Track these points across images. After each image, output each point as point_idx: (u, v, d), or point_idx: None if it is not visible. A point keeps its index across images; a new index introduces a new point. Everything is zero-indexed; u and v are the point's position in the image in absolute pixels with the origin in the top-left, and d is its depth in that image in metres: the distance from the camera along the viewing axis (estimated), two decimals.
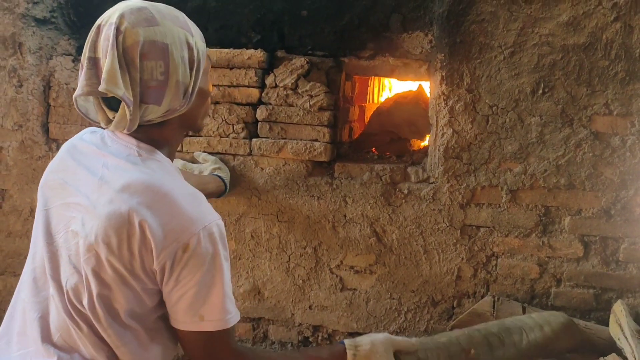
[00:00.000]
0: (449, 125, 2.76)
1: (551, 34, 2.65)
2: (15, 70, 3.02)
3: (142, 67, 1.32)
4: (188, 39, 1.42)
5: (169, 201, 1.32)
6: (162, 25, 1.37)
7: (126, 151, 1.42)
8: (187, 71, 1.41)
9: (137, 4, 1.41)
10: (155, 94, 1.35)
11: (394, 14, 2.96)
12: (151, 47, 1.33)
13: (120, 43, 1.31)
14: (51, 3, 3.12)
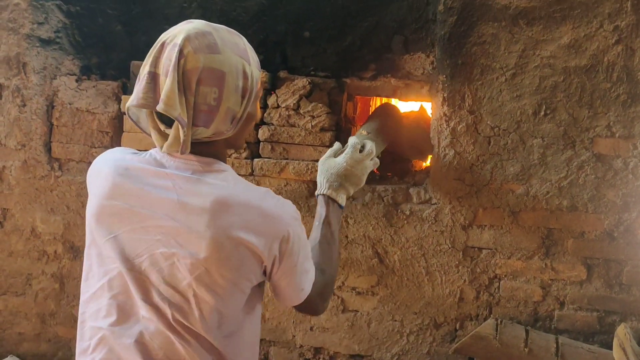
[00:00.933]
0: (450, 147, 2.76)
1: (552, 56, 2.66)
2: (19, 90, 3.04)
3: (197, 92, 1.36)
4: (245, 67, 1.45)
5: (257, 209, 1.43)
6: (222, 53, 1.40)
7: (189, 167, 1.46)
8: (239, 99, 1.45)
9: (203, 27, 1.43)
10: (205, 118, 1.39)
11: (396, 36, 2.98)
12: (209, 74, 1.37)
13: (182, 66, 1.35)
14: (56, 24, 3.15)
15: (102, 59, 3.21)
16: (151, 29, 3.16)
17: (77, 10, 3.19)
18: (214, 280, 1.39)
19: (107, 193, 1.47)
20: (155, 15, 3.16)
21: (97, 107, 3.05)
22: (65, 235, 3.08)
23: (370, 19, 3.00)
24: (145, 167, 1.47)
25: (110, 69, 3.20)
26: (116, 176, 1.47)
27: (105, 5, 3.19)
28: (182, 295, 1.39)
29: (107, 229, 1.46)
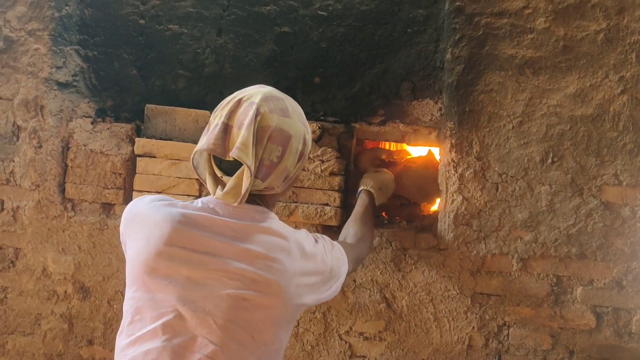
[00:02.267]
0: (458, 192, 2.79)
1: (559, 105, 2.70)
2: (35, 132, 3.11)
3: (266, 147, 1.51)
4: (306, 135, 1.66)
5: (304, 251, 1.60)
6: (292, 118, 1.58)
7: (247, 215, 1.56)
8: (295, 161, 1.65)
9: (276, 93, 1.62)
10: (265, 172, 1.53)
11: (404, 82, 3.04)
12: (279, 134, 1.52)
13: (257, 122, 1.47)
14: (74, 67, 3.24)
15: (117, 102, 3.29)
16: (166, 73, 3.25)
17: (95, 54, 3.29)
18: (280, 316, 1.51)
19: (165, 239, 1.52)
20: (170, 60, 3.24)
21: (110, 148, 3.11)
22: (76, 275, 3.11)
23: (379, 66, 3.07)
24: (203, 215, 1.55)
25: (125, 112, 3.28)
26: (175, 223, 1.54)
27: (121, 50, 3.28)
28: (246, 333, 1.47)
29: (165, 273, 1.51)
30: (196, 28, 3.22)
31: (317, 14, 3.11)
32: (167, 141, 3.08)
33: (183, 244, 1.52)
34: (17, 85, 3.13)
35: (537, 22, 2.73)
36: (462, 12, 2.81)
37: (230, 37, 3.20)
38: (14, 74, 3.13)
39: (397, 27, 3.05)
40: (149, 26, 3.25)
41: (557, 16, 2.71)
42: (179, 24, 3.23)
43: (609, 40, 2.65)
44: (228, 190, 1.52)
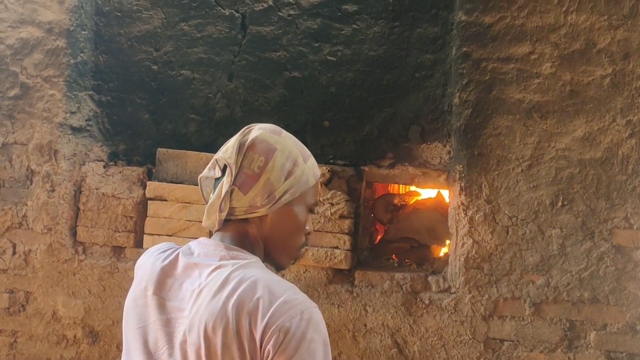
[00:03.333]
0: (469, 236, 2.78)
1: (568, 149, 2.72)
2: (49, 176, 3.15)
3: (245, 155, 1.45)
4: (297, 158, 1.51)
5: (268, 292, 1.35)
6: (282, 138, 1.50)
7: (216, 255, 1.47)
8: (282, 178, 1.49)
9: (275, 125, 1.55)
10: (245, 180, 1.44)
11: (413, 126, 3.08)
12: (261, 144, 1.45)
13: (243, 134, 1.46)
14: (88, 112, 3.30)
15: (129, 146, 3.34)
16: (177, 117, 3.30)
17: (108, 99, 3.35)
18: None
19: (144, 285, 1.52)
20: (182, 104, 3.30)
21: (122, 192, 3.14)
22: (85, 319, 3.10)
23: (387, 110, 3.11)
24: (179, 259, 1.52)
25: (137, 156, 3.32)
26: (154, 269, 1.52)
27: (134, 95, 3.34)
28: None
29: (137, 319, 1.50)
30: (208, 73, 3.29)
31: (326, 59, 3.18)
32: (178, 184, 3.11)
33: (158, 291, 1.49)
34: (32, 130, 3.19)
35: (544, 67, 2.77)
36: (469, 58, 2.86)
37: (241, 82, 3.26)
38: (29, 119, 3.19)
39: (405, 71, 3.11)
40: (161, 72, 3.32)
41: (563, 61, 2.75)
42: (191, 69, 3.30)
43: (615, 85, 2.69)
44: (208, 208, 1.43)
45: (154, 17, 3.34)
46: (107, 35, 3.38)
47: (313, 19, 3.20)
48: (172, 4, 3.33)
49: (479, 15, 2.86)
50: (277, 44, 3.23)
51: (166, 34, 3.33)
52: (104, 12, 3.37)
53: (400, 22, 3.12)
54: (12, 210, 3.17)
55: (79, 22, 3.26)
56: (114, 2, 3.37)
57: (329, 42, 3.18)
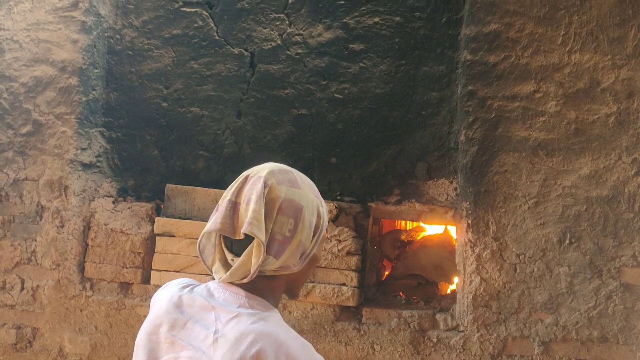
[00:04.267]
0: (476, 273, 2.78)
1: (574, 186, 2.73)
2: (58, 212, 3.18)
3: (275, 220, 1.41)
4: (319, 207, 1.52)
5: (284, 351, 1.36)
6: (302, 189, 1.48)
7: (236, 302, 1.46)
8: (311, 235, 1.49)
9: (284, 166, 1.54)
10: (278, 247, 1.41)
11: (420, 163, 3.10)
12: (289, 205, 1.42)
13: (266, 195, 1.43)
14: (98, 148, 3.35)
15: (138, 181, 3.37)
16: (187, 154, 3.34)
17: (118, 136, 3.40)
18: None
19: (157, 322, 1.52)
20: (190, 141, 3.34)
21: (131, 227, 3.16)
22: (92, 356, 3.09)
23: (394, 147, 3.14)
24: (197, 298, 1.51)
25: (145, 191, 3.35)
26: (170, 306, 1.51)
27: (144, 132, 3.39)
28: None
29: (148, 355, 1.49)
30: (216, 110, 3.34)
31: (333, 97, 3.22)
32: (186, 220, 3.13)
33: (170, 328, 1.49)
34: (43, 167, 3.23)
35: (549, 105, 2.80)
36: (475, 96, 2.90)
37: (249, 119, 3.30)
38: (40, 156, 3.24)
39: (412, 109, 3.15)
40: (171, 109, 3.38)
41: (567, 100, 2.79)
42: (200, 106, 3.35)
43: (620, 123, 2.71)
44: (236, 268, 1.40)
45: (164, 55, 3.41)
46: (119, 73, 3.44)
47: (320, 58, 3.25)
48: (182, 42, 3.40)
49: (484, 55, 2.91)
50: (285, 82, 3.28)
51: (176, 72, 3.40)
52: (116, 50, 3.45)
53: (406, 61, 3.17)
54: (22, 246, 3.20)
55: (91, 61, 3.33)
56: (126, 41, 3.45)
57: (336, 80, 3.23)
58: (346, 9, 3.23)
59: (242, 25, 3.35)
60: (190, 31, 3.40)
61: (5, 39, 3.34)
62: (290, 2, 3.31)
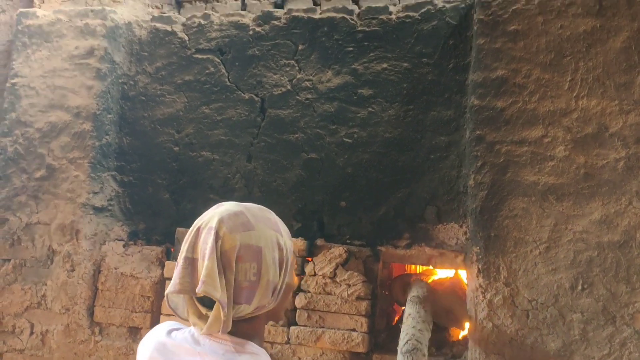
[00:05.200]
0: (488, 319, 2.75)
1: (585, 231, 2.71)
2: (69, 256, 3.20)
3: (237, 269, 1.39)
4: (279, 240, 1.50)
5: None
6: (256, 229, 1.46)
7: (222, 348, 1.44)
8: (277, 270, 1.47)
9: (234, 208, 1.50)
10: (247, 294, 1.41)
11: (429, 206, 3.10)
12: (247, 251, 1.40)
13: (219, 247, 1.40)
14: (110, 192, 3.39)
15: (149, 225, 3.39)
16: (197, 197, 3.37)
17: (130, 179, 3.44)
18: None
19: None
20: (201, 185, 3.38)
21: (141, 271, 3.17)
22: None
23: (403, 190, 3.15)
24: (182, 345, 1.48)
25: (156, 235, 3.37)
26: (153, 352, 1.49)
27: (156, 176, 3.43)
28: None
29: None
30: (227, 154, 3.38)
31: (342, 141, 3.26)
32: None
33: None
34: (55, 211, 3.26)
35: (557, 150, 2.81)
36: (483, 140, 2.91)
37: (259, 162, 3.34)
38: (53, 200, 3.28)
39: (420, 153, 3.17)
40: (182, 153, 3.42)
41: (576, 145, 2.80)
42: (211, 150, 3.40)
43: (629, 168, 2.71)
44: (211, 322, 1.38)
45: (176, 101, 3.48)
46: (132, 118, 3.51)
47: (330, 103, 3.30)
48: (194, 88, 3.47)
49: (491, 100, 2.94)
50: (295, 127, 3.33)
51: (188, 116, 3.46)
52: (130, 96, 3.52)
53: (414, 106, 3.21)
54: (32, 290, 3.21)
55: (105, 106, 3.40)
56: (140, 87, 3.53)
57: (346, 125, 3.27)
58: (355, 55, 3.30)
59: (252, 71, 3.42)
60: (202, 77, 3.47)
61: (22, 86, 3.42)
62: (300, 48, 3.38)
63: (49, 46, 3.45)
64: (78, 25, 3.45)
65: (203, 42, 3.50)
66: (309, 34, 3.36)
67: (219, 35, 3.49)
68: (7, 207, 3.32)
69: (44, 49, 3.45)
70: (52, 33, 3.47)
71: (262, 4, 3.64)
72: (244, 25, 3.46)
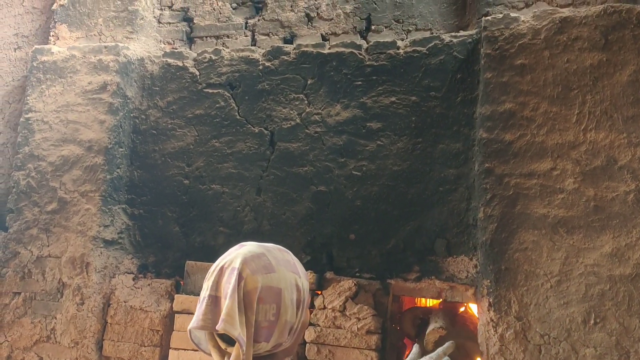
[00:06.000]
0: (500, 354, 2.71)
1: (596, 264, 2.70)
2: (79, 289, 3.21)
3: (257, 310, 1.45)
4: (297, 281, 1.56)
5: None
6: (277, 271, 1.51)
7: None
8: (294, 311, 1.53)
9: (256, 250, 1.56)
10: (266, 333, 1.46)
11: (439, 239, 3.10)
12: (268, 292, 1.46)
13: (242, 288, 1.45)
14: (120, 225, 3.41)
15: (159, 258, 3.40)
16: (207, 230, 3.38)
17: (140, 212, 3.46)
18: None
19: None
20: (211, 218, 3.39)
21: (150, 305, 3.17)
22: None
23: (412, 223, 3.15)
24: None
25: (166, 268, 3.37)
26: None
27: (166, 208, 3.45)
28: None
29: None
30: (237, 187, 3.40)
31: (351, 174, 3.27)
32: None
33: None
34: (66, 244, 3.28)
35: (566, 182, 2.81)
36: (492, 173, 2.92)
37: (268, 195, 3.36)
38: (64, 233, 3.30)
39: (429, 185, 3.17)
40: (192, 186, 3.45)
41: (585, 177, 2.80)
42: (221, 183, 3.42)
43: (639, 201, 2.70)
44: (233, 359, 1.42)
45: (187, 134, 3.52)
46: (143, 151, 3.55)
47: (339, 136, 3.33)
48: (204, 122, 3.51)
49: (500, 133, 2.95)
50: (304, 160, 3.35)
51: (198, 150, 3.50)
52: (141, 130, 3.57)
53: (423, 139, 3.23)
54: (42, 324, 3.21)
55: (117, 140, 3.45)
56: (151, 120, 3.58)
57: (354, 158, 3.29)
58: (363, 89, 3.33)
59: (262, 105, 3.46)
60: (213, 111, 3.52)
61: (36, 120, 3.48)
62: (309, 83, 3.43)
63: (62, 81, 3.52)
64: (92, 61, 3.53)
65: (214, 77, 3.56)
66: (318, 69, 3.41)
67: (229, 70, 3.55)
68: (18, 240, 3.34)
69: (58, 84, 3.52)
70: (66, 69, 3.55)
71: (271, 40, 3.71)
72: (254, 60, 3.52)
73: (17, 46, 3.92)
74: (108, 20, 3.71)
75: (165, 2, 3.94)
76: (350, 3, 3.62)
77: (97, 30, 3.72)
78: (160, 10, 3.90)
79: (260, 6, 3.80)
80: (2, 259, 3.34)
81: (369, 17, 3.59)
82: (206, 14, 3.86)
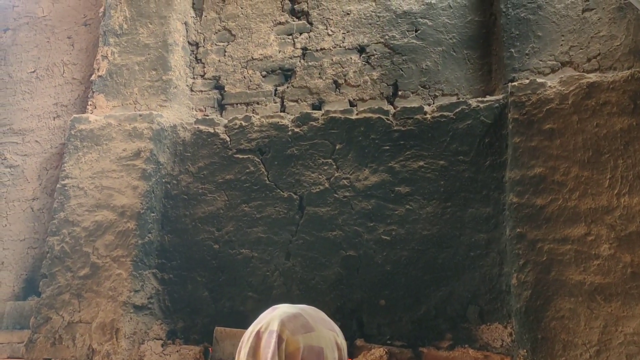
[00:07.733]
0: None
1: (636, 333, 2.60)
2: (108, 356, 3.20)
3: None
4: (336, 339, 1.54)
5: None
6: (316, 330, 1.49)
7: None
8: None
9: (291, 310, 1.54)
10: None
11: (471, 306, 3.03)
12: (310, 352, 1.43)
13: (283, 350, 1.42)
14: (150, 290, 3.42)
15: (188, 323, 3.39)
16: (235, 295, 3.37)
17: (170, 277, 3.48)
18: None
19: None
20: (240, 282, 3.39)
21: None
22: None
23: (444, 289, 3.10)
24: None
25: (194, 333, 3.35)
26: None
27: (195, 273, 3.47)
28: None
29: None
30: (266, 252, 3.41)
31: (380, 239, 3.26)
32: None
33: None
34: (97, 309, 3.30)
35: (602, 248, 2.76)
36: (525, 238, 2.88)
37: (297, 260, 3.35)
38: (95, 298, 3.33)
39: (460, 250, 3.14)
40: (222, 250, 3.47)
41: (621, 243, 2.74)
42: (250, 248, 3.43)
43: None
44: None
45: (217, 199, 3.57)
46: (174, 216, 3.60)
47: (367, 200, 3.34)
48: (234, 187, 3.57)
49: (530, 197, 2.93)
50: (333, 224, 3.36)
51: (228, 214, 3.53)
52: (172, 195, 3.64)
53: (452, 203, 3.22)
54: None
55: (149, 205, 3.51)
56: (182, 186, 3.65)
57: (383, 222, 3.28)
58: (391, 154, 3.36)
59: (291, 170, 3.51)
60: (243, 176, 3.57)
61: (71, 187, 3.58)
62: (337, 148, 3.47)
63: (98, 149, 3.64)
64: (127, 128, 3.64)
65: (244, 143, 3.64)
66: (346, 134, 3.46)
67: (259, 135, 3.62)
68: (50, 305, 3.38)
69: (94, 151, 3.63)
70: (103, 136, 3.67)
71: (300, 106, 3.79)
72: (283, 126, 3.60)
73: (56, 115, 4.08)
74: (143, 89, 3.85)
75: (197, 72, 4.08)
76: (377, 70, 3.71)
77: (133, 99, 3.86)
78: (192, 79, 4.04)
79: (289, 74, 3.91)
80: (34, 325, 3.37)
81: (395, 83, 3.66)
82: (237, 82, 3.99)
